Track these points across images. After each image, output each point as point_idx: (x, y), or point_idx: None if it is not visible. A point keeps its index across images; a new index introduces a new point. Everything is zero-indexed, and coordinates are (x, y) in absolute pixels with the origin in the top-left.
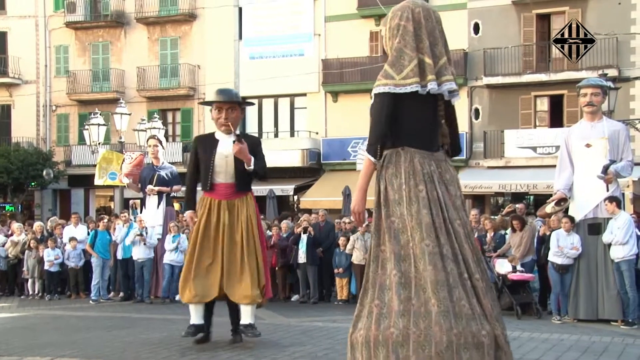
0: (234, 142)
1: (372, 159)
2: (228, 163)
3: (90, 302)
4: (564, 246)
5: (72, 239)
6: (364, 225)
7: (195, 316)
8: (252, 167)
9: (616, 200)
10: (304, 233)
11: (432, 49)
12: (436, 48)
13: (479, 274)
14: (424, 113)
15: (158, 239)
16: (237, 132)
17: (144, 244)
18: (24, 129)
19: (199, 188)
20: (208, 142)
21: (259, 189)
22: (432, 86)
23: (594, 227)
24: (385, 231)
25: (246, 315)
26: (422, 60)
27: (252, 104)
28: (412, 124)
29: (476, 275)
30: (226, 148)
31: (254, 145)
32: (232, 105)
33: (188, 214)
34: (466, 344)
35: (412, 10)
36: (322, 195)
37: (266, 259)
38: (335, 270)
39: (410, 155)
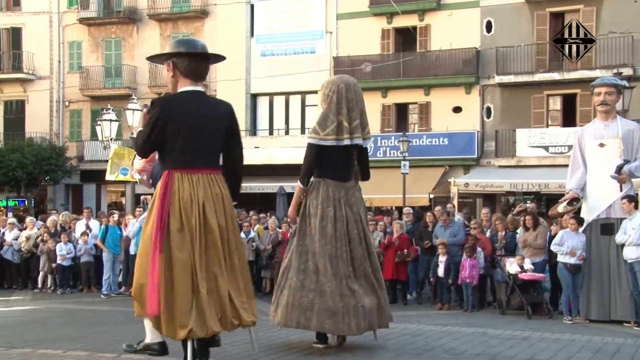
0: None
1: (302, 186)
2: None
3: (102, 296)
4: (574, 247)
5: (83, 233)
6: (294, 226)
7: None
8: None
9: (635, 200)
10: None
11: (349, 114)
12: (352, 113)
13: (364, 266)
14: (339, 157)
15: None
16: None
17: None
18: (38, 124)
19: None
20: None
21: (269, 185)
22: (346, 142)
23: (607, 228)
24: (306, 234)
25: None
26: (340, 122)
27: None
28: (330, 164)
29: (362, 267)
30: None
31: None
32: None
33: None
34: (348, 312)
35: (338, 85)
36: None
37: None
38: None
39: (327, 185)
